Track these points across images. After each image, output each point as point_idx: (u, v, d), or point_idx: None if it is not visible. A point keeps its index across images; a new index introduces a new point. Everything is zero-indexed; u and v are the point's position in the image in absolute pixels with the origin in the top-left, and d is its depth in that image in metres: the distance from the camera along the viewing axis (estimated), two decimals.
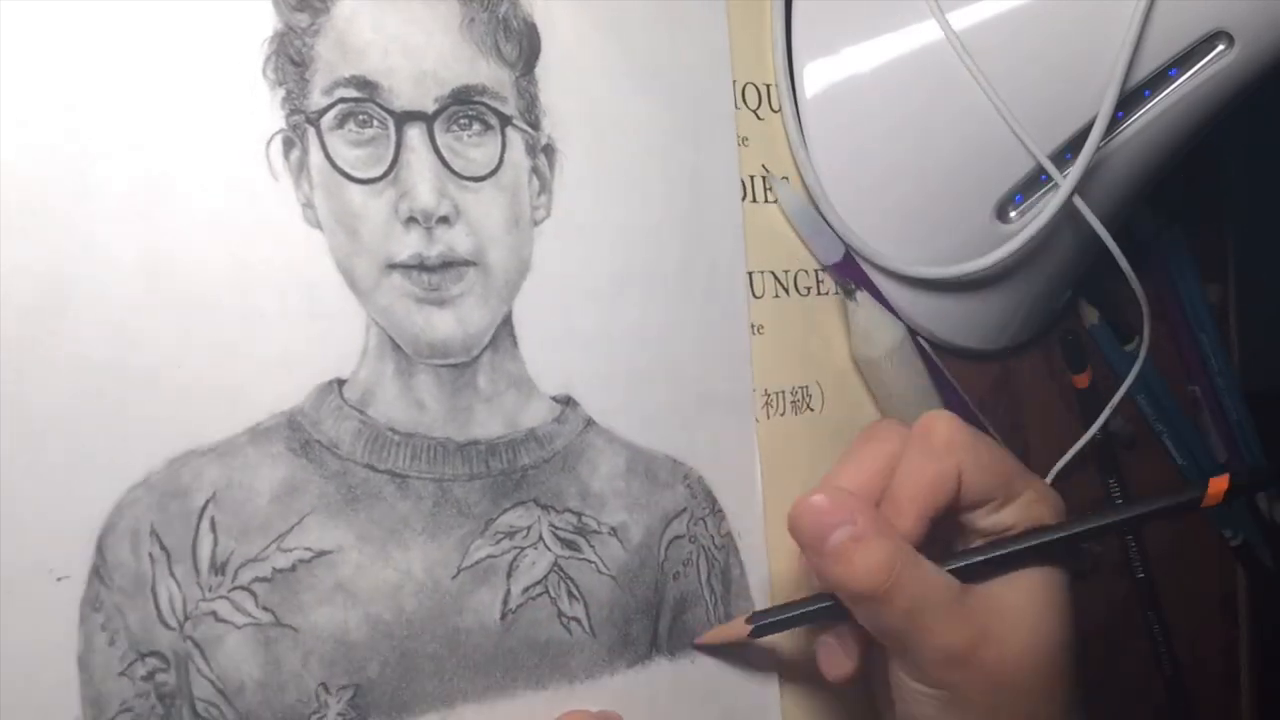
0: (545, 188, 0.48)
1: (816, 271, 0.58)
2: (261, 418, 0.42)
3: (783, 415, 0.56)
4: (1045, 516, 0.48)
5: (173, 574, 0.40)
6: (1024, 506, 0.48)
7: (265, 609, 0.42)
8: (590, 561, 0.49)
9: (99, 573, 0.39)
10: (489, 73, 0.47)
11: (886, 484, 0.48)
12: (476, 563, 0.46)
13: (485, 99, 0.46)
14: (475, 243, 0.46)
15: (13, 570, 0.37)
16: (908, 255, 0.58)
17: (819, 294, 0.58)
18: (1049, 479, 0.66)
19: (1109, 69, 0.52)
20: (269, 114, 0.42)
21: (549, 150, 0.48)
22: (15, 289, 0.38)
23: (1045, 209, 0.55)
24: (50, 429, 0.38)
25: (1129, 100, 0.54)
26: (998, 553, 0.47)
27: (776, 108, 0.57)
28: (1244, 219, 0.82)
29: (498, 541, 0.46)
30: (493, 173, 0.47)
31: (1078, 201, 0.55)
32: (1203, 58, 0.53)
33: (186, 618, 0.40)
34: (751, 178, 0.56)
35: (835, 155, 0.57)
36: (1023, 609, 0.47)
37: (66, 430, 0.38)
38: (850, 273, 0.57)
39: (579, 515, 0.49)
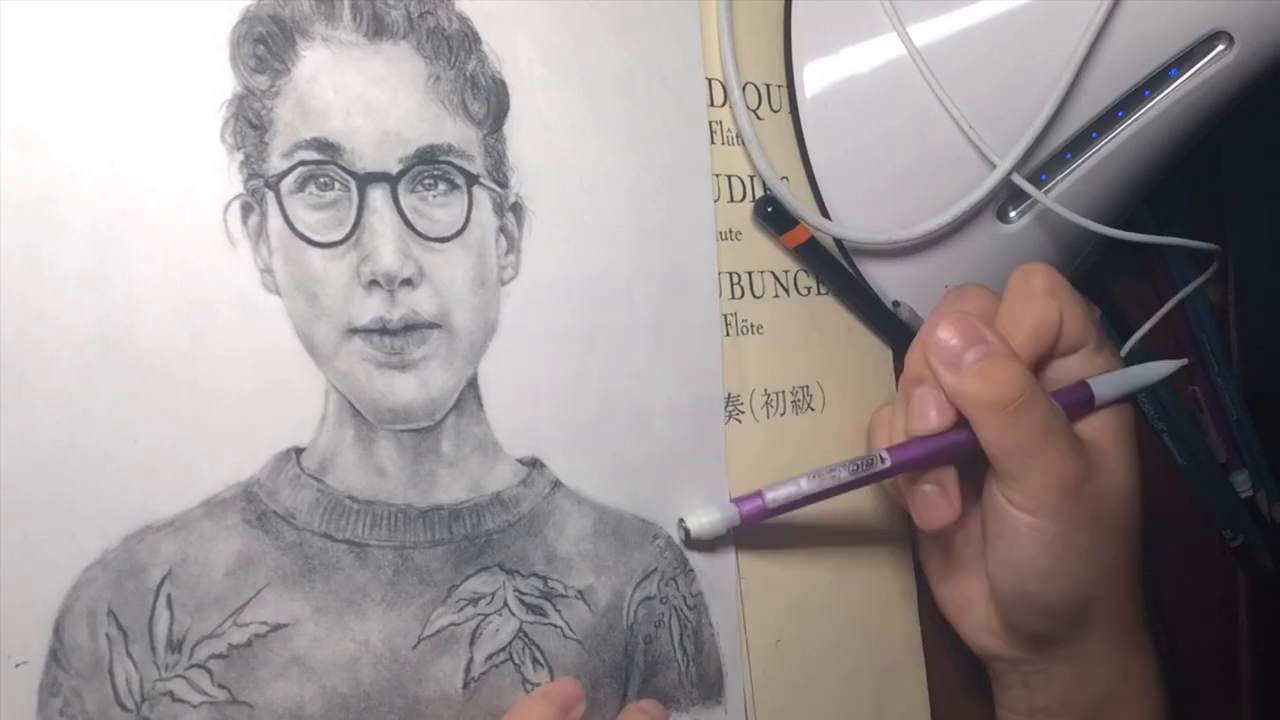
0: (513, 246, 0.47)
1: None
2: (218, 490, 0.41)
3: (783, 415, 0.56)
4: (1107, 363, 0.52)
5: (130, 654, 0.39)
6: (1090, 355, 0.52)
7: (221, 686, 0.41)
8: (556, 626, 0.48)
9: (56, 656, 0.38)
10: (455, 131, 0.46)
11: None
12: (438, 631, 0.45)
13: (451, 158, 0.46)
14: (440, 304, 0.45)
15: None
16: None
17: (819, 294, 0.58)
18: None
19: (1105, 69, 0.53)
20: (227, 179, 0.41)
21: (517, 208, 0.47)
22: None
23: (1029, 213, 0.56)
24: (4, 509, 0.37)
25: (1129, 100, 0.54)
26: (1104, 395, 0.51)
27: (777, 108, 0.57)
28: (1244, 219, 0.82)
29: (460, 609, 0.46)
30: (458, 233, 0.46)
31: (1057, 207, 0.55)
32: (1203, 58, 0.53)
33: (144, 699, 0.39)
34: (751, 177, 0.56)
35: (835, 155, 0.57)
36: (1118, 450, 0.51)
37: (20, 510, 0.38)
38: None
39: (545, 579, 0.48)
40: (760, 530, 0.53)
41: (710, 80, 0.55)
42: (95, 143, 0.39)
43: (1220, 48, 0.52)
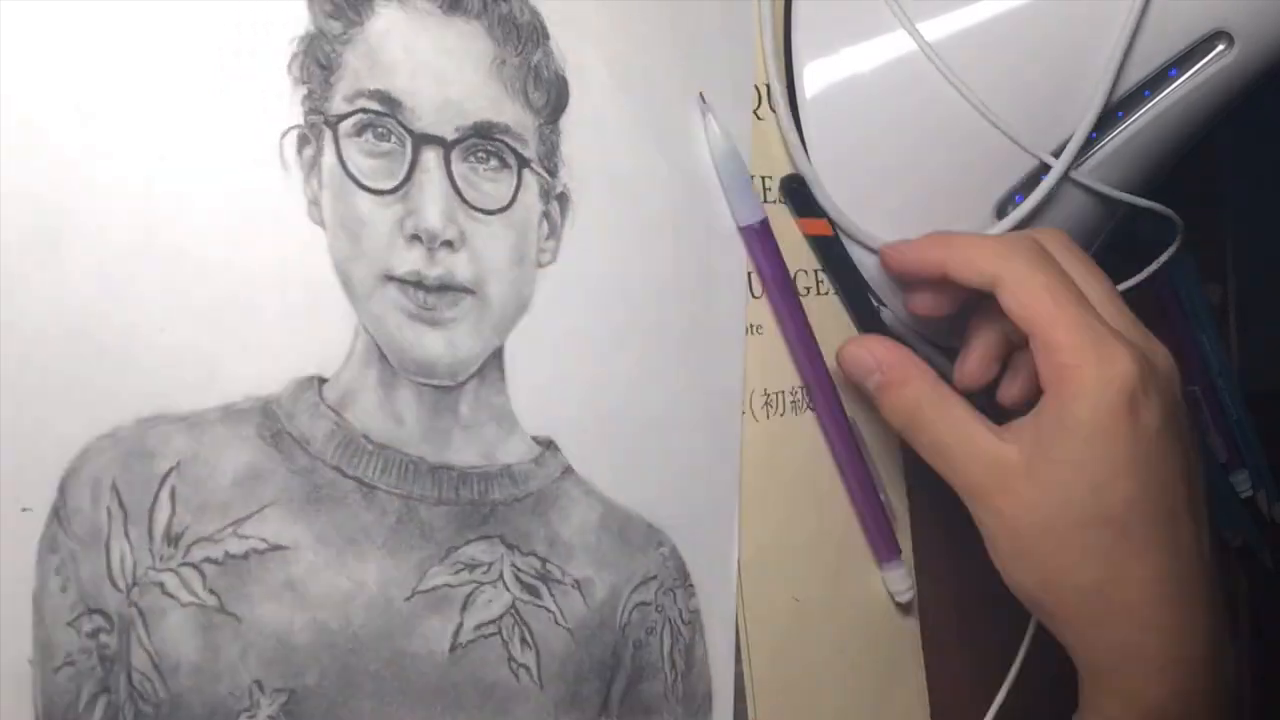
0: (554, 233, 0.49)
1: (816, 271, 0.58)
2: (237, 399, 0.42)
3: (782, 415, 0.56)
4: None
5: (127, 534, 0.40)
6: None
7: (211, 592, 0.41)
8: (549, 610, 0.48)
9: (58, 514, 0.39)
10: (514, 114, 0.48)
11: None
12: (432, 589, 0.45)
13: (506, 138, 0.48)
14: (476, 272, 0.47)
15: None
16: None
17: (819, 294, 0.59)
18: None
19: (1105, 66, 0.53)
20: (288, 109, 0.43)
21: (563, 199, 0.49)
22: (12, 213, 0.38)
23: (1039, 188, 0.56)
24: (30, 359, 0.38)
25: (1129, 100, 0.55)
26: None
27: (775, 108, 0.58)
28: (1244, 219, 0.83)
29: (457, 572, 0.46)
30: (504, 208, 0.47)
31: (1076, 176, 0.56)
32: (1203, 58, 0.54)
33: (134, 583, 0.40)
34: (751, 177, 0.56)
35: (835, 156, 0.58)
36: (1053, 469, 0.49)
37: (45, 364, 0.39)
38: (764, 246, 0.56)
39: (544, 561, 0.48)
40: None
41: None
42: (163, 49, 0.41)
43: (1220, 48, 0.53)
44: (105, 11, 0.40)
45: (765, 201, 0.57)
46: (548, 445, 0.49)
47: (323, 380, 0.44)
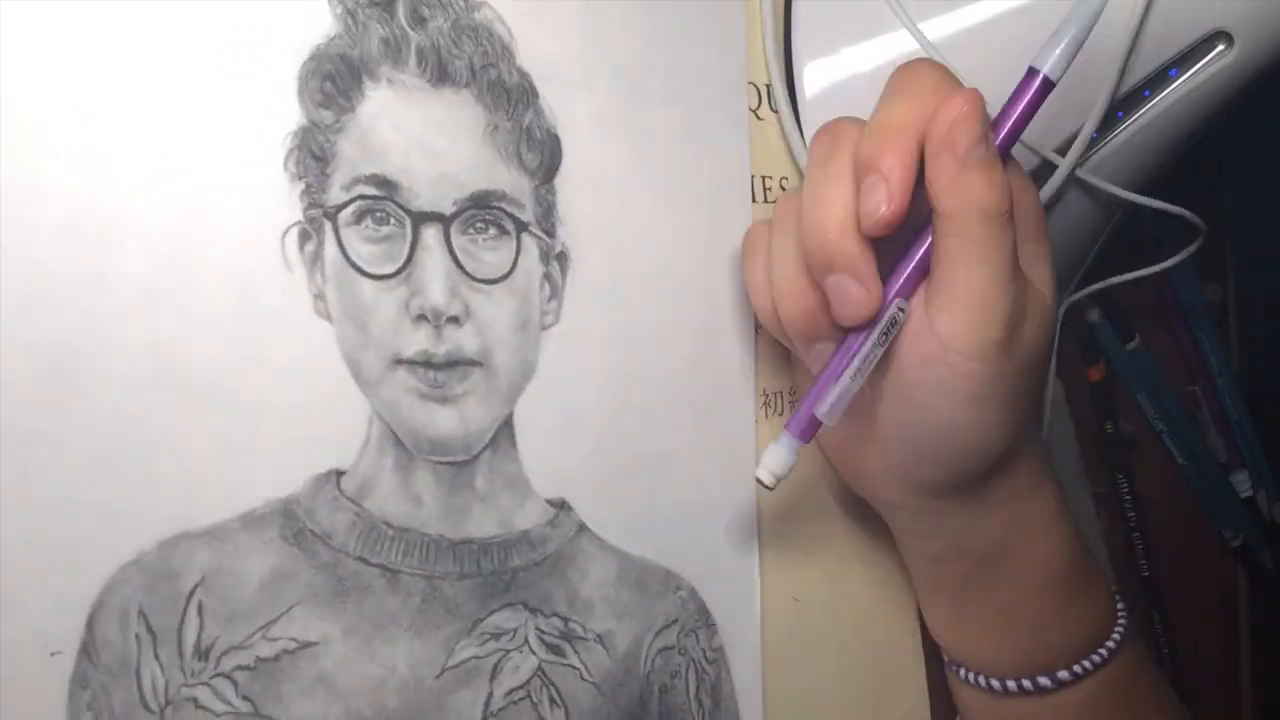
0: (556, 294, 0.49)
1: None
2: (257, 504, 0.42)
3: (780, 415, 0.57)
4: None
5: (157, 656, 0.40)
6: None
7: (245, 698, 0.41)
8: (574, 668, 0.49)
9: (87, 650, 0.39)
10: (509, 179, 0.47)
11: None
12: (461, 663, 0.46)
13: (503, 204, 0.47)
14: (482, 343, 0.46)
15: (10, 642, 0.38)
16: None
17: None
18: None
19: (1107, 66, 0.53)
20: (287, 206, 0.43)
21: (562, 258, 0.49)
22: (24, 363, 0.38)
23: (1044, 188, 0.56)
24: (51, 504, 0.38)
25: (1129, 100, 0.55)
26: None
27: (776, 108, 0.58)
28: (1244, 219, 0.82)
29: (484, 643, 0.46)
30: (505, 276, 0.47)
31: (1083, 175, 0.55)
32: (1203, 58, 0.54)
33: (167, 702, 0.40)
34: (751, 178, 0.56)
35: None
36: (1045, 287, 0.47)
37: (66, 509, 0.39)
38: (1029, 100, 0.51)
39: (566, 620, 0.48)
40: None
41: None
42: (161, 163, 0.41)
43: (1220, 48, 0.53)
44: (100, 128, 0.40)
45: (763, 202, 0.57)
46: (561, 506, 0.49)
47: (340, 472, 0.44)
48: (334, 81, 0.44)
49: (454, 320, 0.46)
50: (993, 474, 0.49)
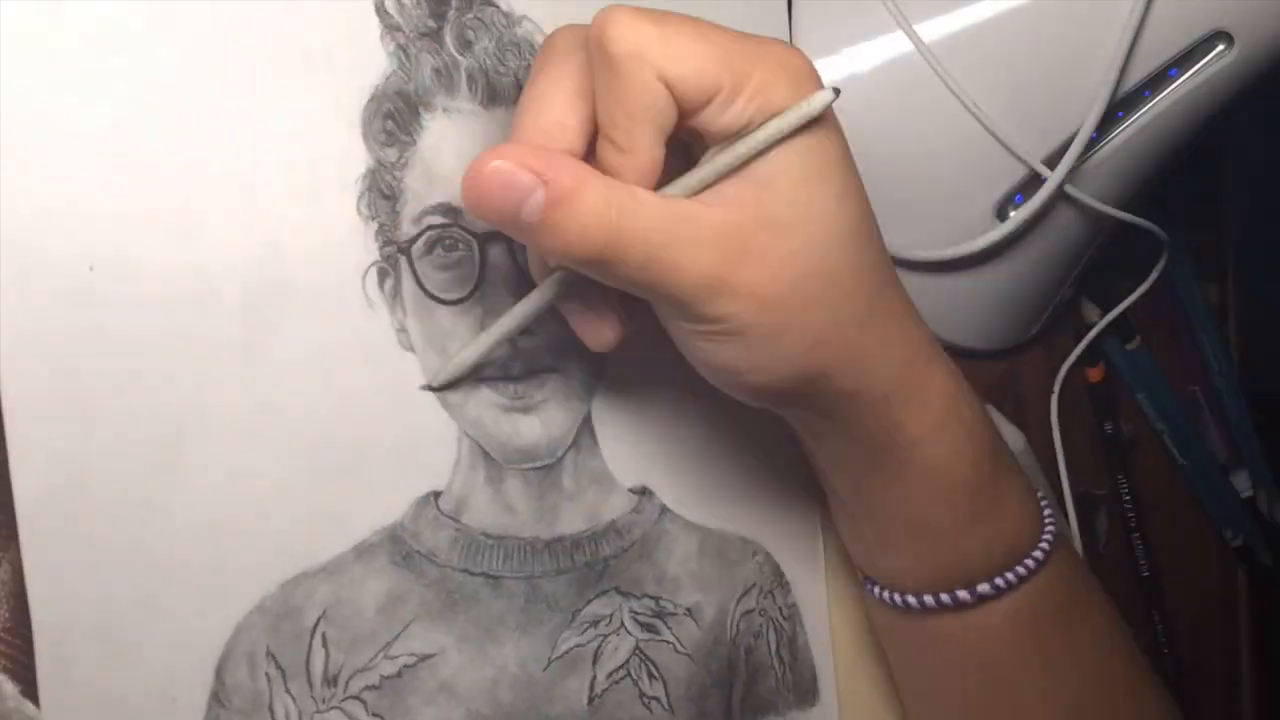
0: None
1: None
2: (366, 535, 0.44)
3: None
4: (783, 97, 0.39)
5: (289, 690, 0.43)
6: (755, 94, 0.39)
7: (375, 715, 0.44)
8: (668, 642, 0.51)
9: (218, 697, 0.41)
10: None
11: (589, 111, 0.40)
12: (565, 653, 0.48)
13: None
14: (555, 349, 0.48)
15: (138, 700, 0.40)
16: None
17: None
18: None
19: (1105, 68, 0.53)
20: (364, 248, 0.44)
21: None
22: (134, 431, 0.40)
23: (1036, 197, 0.56)
24: (172, 565, 0.41)
25: (1129, 100, 0.55)
26: (721, 167, 0.40)
27: None
28: (1244, 219, 0.82)
29: (583, 631, 0.49)
30: None
31: (1070, 189, 0.56)
32: (1203, 58, 0.54)
33: None
34: None
35: None
36: (785, 210, 0.40)
37: (186, 566, 0.41)
38: None
39: (656, 599, 0.51)
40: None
41: None
42: (245, 222, 0.42)
43: (1220, 48, 0.53)
44: (189, 190, 0.41)
45: None
46: (643, 492, 0.51)
47: (437, 493, 0.46)
48: (395, 120, 0.45)
49: (527, 332, 0.47)
50: (821, 388, 0.43)
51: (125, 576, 0.40)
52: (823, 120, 0.40)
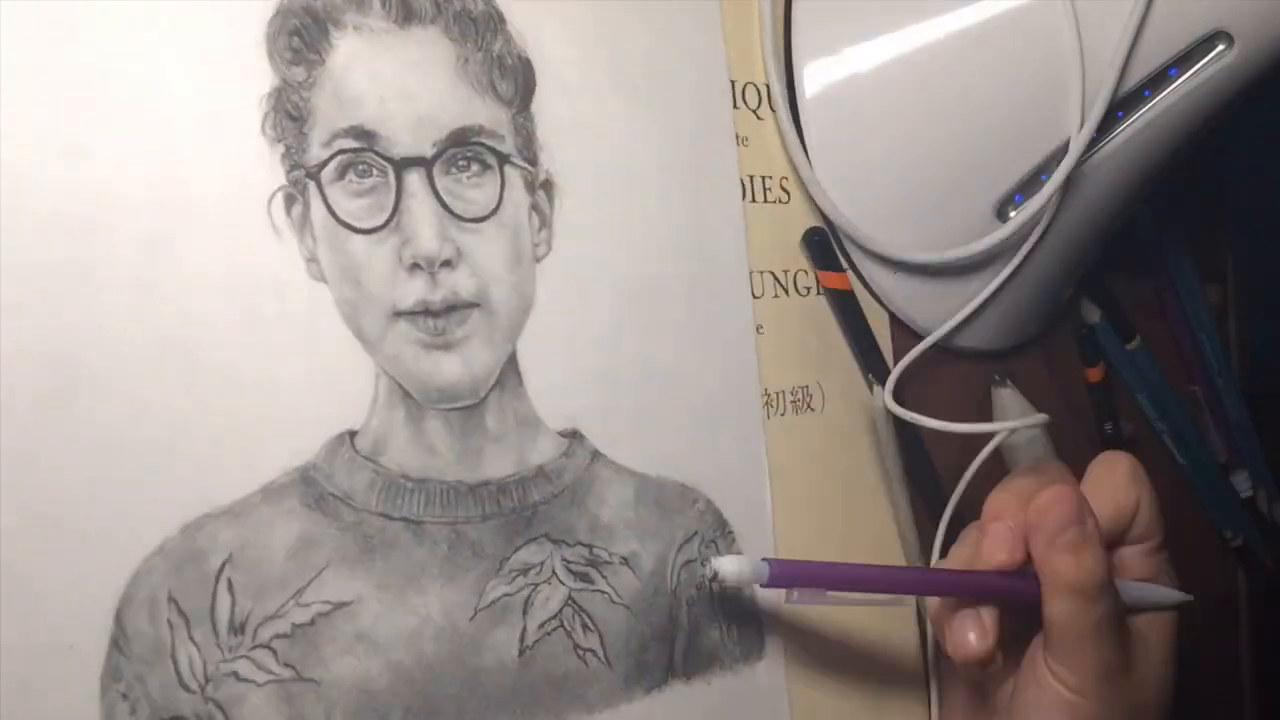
0: (545, 223, 0.48)
1: (816, 271, 0.58)
2: (275, 475, 0.42)
3: (783, 415, 0.56)
4: (1163, 565, 0.54)
5: (192, 638, 0.40)
6: (1156, 551, 0.54)
7: (286, 665, 0.42)
8: (603, 592, 0.49)
9: (118, 644, 0.39)
10: (485, 112, 0.46)
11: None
12: (493, 603, 0.46)
13: (482, 139, 0.46)
14: (478, 284, 0.46)
15: (33, 647, 0.37)
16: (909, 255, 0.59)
17: (819, 294, 0.59)
18: None
19: (1105, 68, 0.53)
20: (269, 171, 0.42)
21: (548, 185, 0.48)
22: (27, 374, 0.38)
23: (1036, 197, 0.55)
24: (65, 507, 0.38)
25: (1129, 100, 0.55)
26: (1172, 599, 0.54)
27: (775, 108, 0.57)
28: (1244, 219, 0.83)
29: (512, 580, 0.47)
30: (493, 212, 0.47)
31: (1070, 190, 0.56)
32: (1203, 58, 0.53)
33: (207, 680, 0.40)
34: (751, 177, 0.56)
35: (835, 156, 0.57)
36: (1161, 646, 0.52)
37: (83, 505, 0.38)
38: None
39: (590, 547, 0.49)
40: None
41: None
42: (140, 148, 0.40)
43: (1220, 48, 0.53)
44: (76, 121, 0.39)
45: (763, 201, 0.56)
46: (573, 436, 0.49)
47: (353, 433, 0.44)
48: (301, 36, 0.43)
49: (447, 264, 0.45)
50: None
51: (15, 514, 0.37)
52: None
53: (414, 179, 0.45)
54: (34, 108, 0.38)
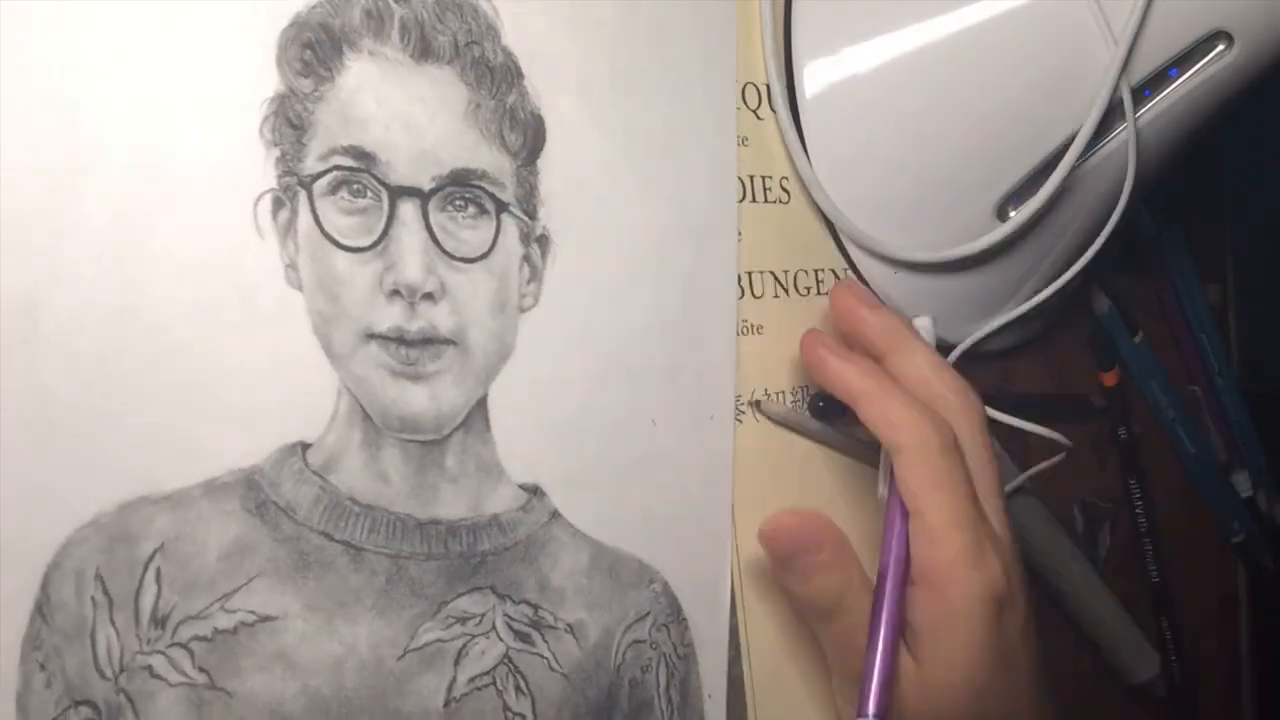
0: (536, 276, 0.48)
1: (816, 271, 0.58)
2: (219, 473, 0.41)
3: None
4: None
5: (113, 621, 0.39)
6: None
7: (201, 669, 0.41)
8: (543, 657, 0.48)
9: (41, 610, 0.38)
10: (490, 159, 0.47)
11: None
12: (424, 645, 0.45)
13: (483, 183, 0.47)
14: (458, 322, 0.46)
15: None
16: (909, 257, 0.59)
17: (819, 294, 0.59)
18: None
19: (1105, 68, 0.53)
20: (261, 173, 0.42)
21: (543, 240, 0.48)
22: None
23: (1036, 197, 0.56)
24: (7, 456, 0.38)
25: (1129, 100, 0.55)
26: None
27: (775, 108, 0.57)
28: (1244, 219, 0.83)
29: (449, 626, 0.46)
30: (484, 256, 0.47)
31: (1070, 190, 0.56)
32: (1203, 58, 0.54)
33: (122, 669, 0.40)
34: (751, 177, 0.56)
35: (835, 156, 0.57)
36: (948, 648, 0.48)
37: (21, 462, 0.38)
38: None
39: (536, 608, 0.48)
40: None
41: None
42: (130, 117, 0.40)
43: (1220, 48, 0.53)
44: (75, 79, 0.39)
45: (763, 201, 0.57)
46: (534, 491, 0.48)
47: (306, 445, 0.43)
48: (314, 50, 0.43)
49: (429, 297, 0.45)
50: None
51: None
52: None
53: (408, 208, 0.45)
54: (24, 51, 0.39)
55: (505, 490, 0.47)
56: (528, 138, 0.48)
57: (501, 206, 0.47)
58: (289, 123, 0.43)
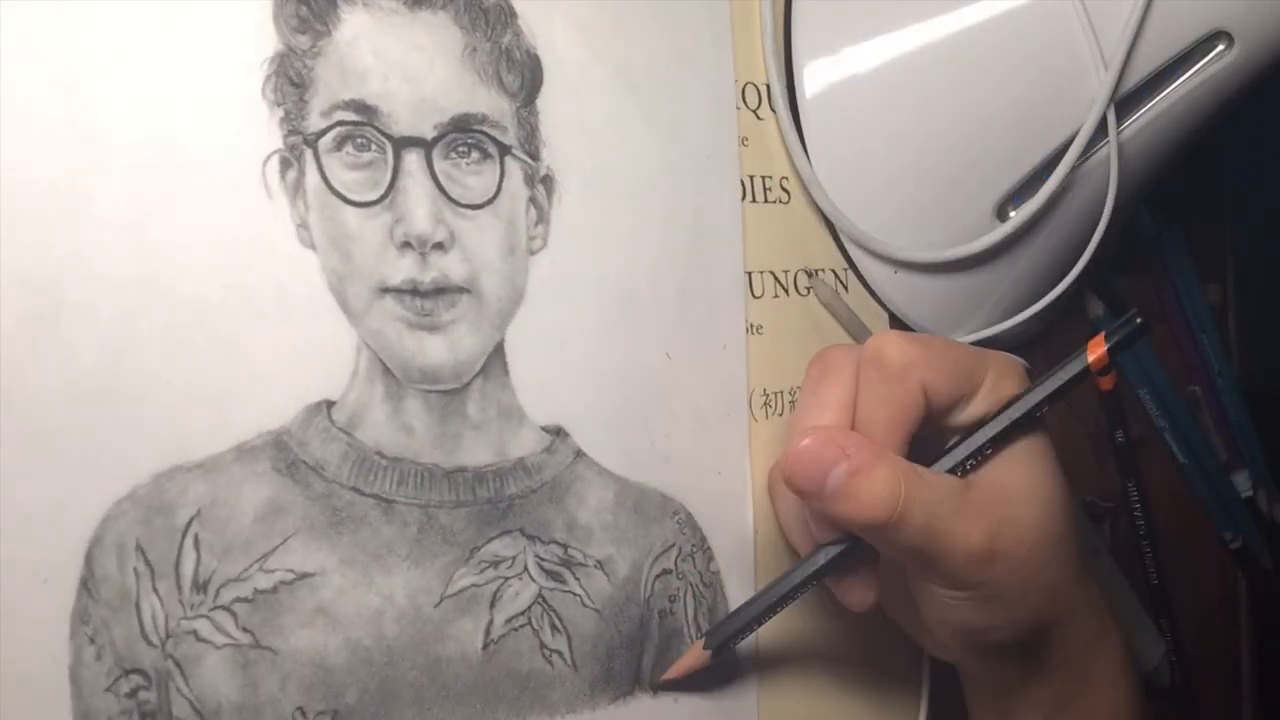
0: (543, 218, 0.48)
1: (816, 271, 0.58)
2: (248, 436, 0.42)
3: (781, 415, 0.56)
4: (1012, 389, 0.49)
5: (156, 590, 0.40)
6: (990, 391, 0.49)
7: (245, 630, 0.41)
8: (575, 594, 0.48)
9: (87, 585, 0.39)
10: (489, 102, 0.47)
11: (852, 414, 0.48)
12: (460, 591, 0.46)
13: (485, 128, 0.47)
14: (469, 270, 0.46)
15: (9, 580, 0.37)
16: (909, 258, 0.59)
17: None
18: None
19: (1105, 68, 0.53)
20: (266, 134, 0.42)
21: (548, 181, 0.48)
22: (9, 298, 0.38)
23: (1036, 197, 0.56)
24: (41, 438, 0.38)
25: (1129, 100, 0.55)
26: (982, 441, 0.48)
27: (775, 108, 0.57)
28: (1244, 219, 0.83)
29: (482, 570, 0.46)
30: (490, 201, 0.47)
31: (1070, 190, 0.56)
32: (1203, 58, 0.54)
33: (168, 635, 0.40)
34: (751, 177, 0.56)
35: (835, 156, 0.57)
36: (1023, 486, 0.48)
37: (57, 441, 0.38)
38: None
39: (565, 547, 0.48)
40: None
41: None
42: (136, 91, 0.40)
43: (1220, 48, 0.53)
44: (79, 62, 0.39)
45: (763, 201, 0.56)
46: (557, 433, 0.48)
47: (330, 403, 0.43)
48: (309, 5, 0.43)
49: (439, 246, 0.45)
50: (1042, 639, 0.50)
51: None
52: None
53: (412, 159, 0.45)
54: (29, 41, 0.39)
55: (528, 434, 0.48)
56: (525, 78, 0.48)
57: (504, 150, 0.47)
58: (290, 81, 0.43)
